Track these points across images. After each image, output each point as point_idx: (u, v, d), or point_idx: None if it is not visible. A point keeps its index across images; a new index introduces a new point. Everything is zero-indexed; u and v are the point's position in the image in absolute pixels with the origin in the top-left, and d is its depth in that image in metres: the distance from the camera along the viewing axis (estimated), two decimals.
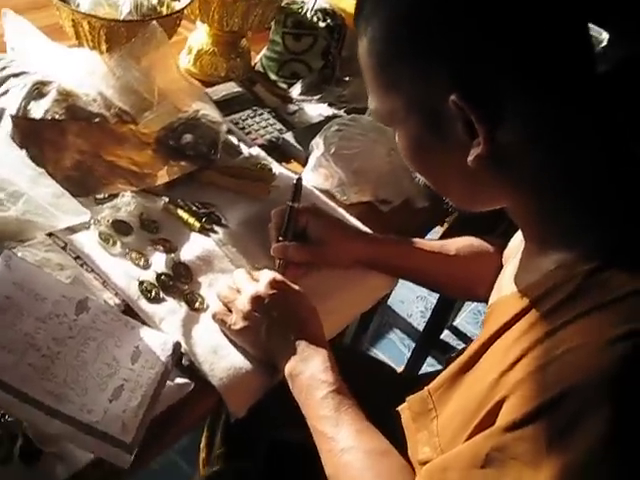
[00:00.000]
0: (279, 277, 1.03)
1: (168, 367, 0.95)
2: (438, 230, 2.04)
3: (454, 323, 2.67)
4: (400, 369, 2.33)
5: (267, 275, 1.03)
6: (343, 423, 0.89)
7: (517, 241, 0.97)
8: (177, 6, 1.40)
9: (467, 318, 2.71)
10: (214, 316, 1.03)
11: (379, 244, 1.20)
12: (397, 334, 2.62)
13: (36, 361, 0.86)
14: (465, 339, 2.62)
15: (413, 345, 2.48)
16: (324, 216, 1.20)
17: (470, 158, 0.72)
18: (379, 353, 2.52)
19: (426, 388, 0.87)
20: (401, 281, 1.25)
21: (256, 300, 1.00)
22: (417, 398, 0.88)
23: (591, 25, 2.01)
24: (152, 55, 1.29)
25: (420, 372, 2.25)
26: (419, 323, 2.63)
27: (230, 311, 1.02)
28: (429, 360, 2.35)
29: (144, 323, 1.01)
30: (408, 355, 2.39)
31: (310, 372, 0.94)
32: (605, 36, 2.15)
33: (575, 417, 0.63)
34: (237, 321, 1.00)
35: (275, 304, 1.00)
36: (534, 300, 0.74)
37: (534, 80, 0.69)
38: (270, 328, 0.99)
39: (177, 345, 0.98)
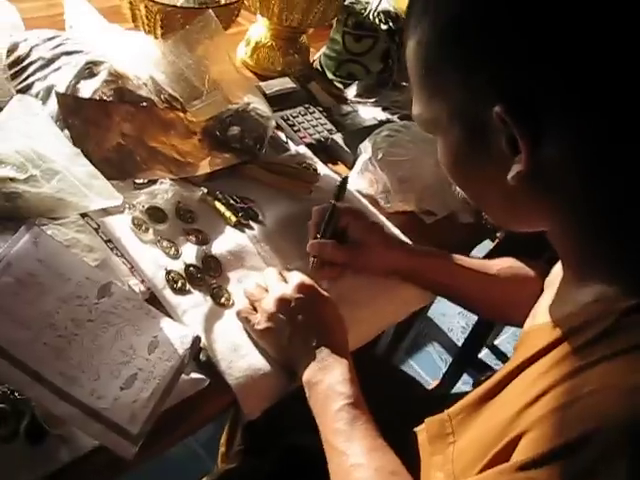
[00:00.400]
0: (308, 281, 1.01)
1: (185, 361, 0.93)
2: (487, 244, 2.02)
3: (495, 342, 2.62)
4: (434, 384, 2.29)
5: (297, 278, 1.01)
6: (355, 438, 0.86)
7: (558, 269, 0.93)
8: None
9: (508, 338, 2.66)
10: (238, 313, 1.01)
11: (419, 256, 1.17)
12: (435, 347, 2.58)
13: (52, 341, 0.85)
14: (504, 359, 2.56)
15: (450, 360, 2.44)
16: (366, 219, 1.17)
17: (511, 174, 0.68)
18: (415, 365, 2.49)
19: (446, 411, 0.84)
20: None
21: (282, 302, 0.98)
22: (436, 420, 0.85)
23: None
24: (206, 44, 1.28)
25: (453, 390, 2.20)
26: (459, 338, 2.59)
27: (255, 310, 1.00)
28: (465, 378, 2.30)
29: (167, 314, 0.99)
30: (444, 370, 2.35)
31: (328, 382, 0.92)
32: None
33: (592, 465, 0.59)
34: (261, 321, 0.98)
35: (301, 308, 0.97)
36: (566, 333, 0.71)
37: (582, 105, 0.65)
38: (293, 332, 0.96)
39: (197, 339, 0.96)
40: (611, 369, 0.63)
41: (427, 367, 2.48)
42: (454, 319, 2.68)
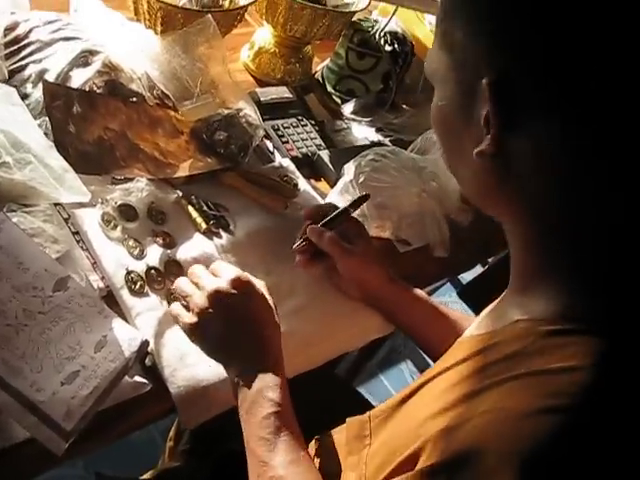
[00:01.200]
0: (244, 276, 0.97)
1: (129, 364, 0.94)
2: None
3: None
4: None
5: (231, 272, 0.97)
6: (278, 450, 0.85)
7: None
8: (242, 1, 1.39)
9: None
10: (170, 311, 0.99)
11: (392, 287, 1.17)
12: (408, 365, 2.59)
13: (0, 328, 0.86)
14: None
15: None
16: (368, 236, 1.20)
17: (476, 149, 0.69)
18: (384, 380, 2.50)
19: (368, 413, 0.85)
20: None
21: (215, 296, 0.94)
22: (356, 421, 0.86)
23: None
24: (202, 47, 1.28)
25: None
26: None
27: (187, 308, 0.97)
28: None
29: (121, 314, 1.00)
30: None
31: (258, 386, 0.89)
32: None
33: None
34: (191, 316, 0.95)
35: (235, 304, 0.94)
36: (482, 349, 0.71)
37: (573, 114, 0.65)
38: (226, 329, 0.94)
39: (144, 343, 0.97)
40: (509, 391, 0.63)
41: (396, 384, 2.49)
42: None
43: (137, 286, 1.04)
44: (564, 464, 0.59)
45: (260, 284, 0.99)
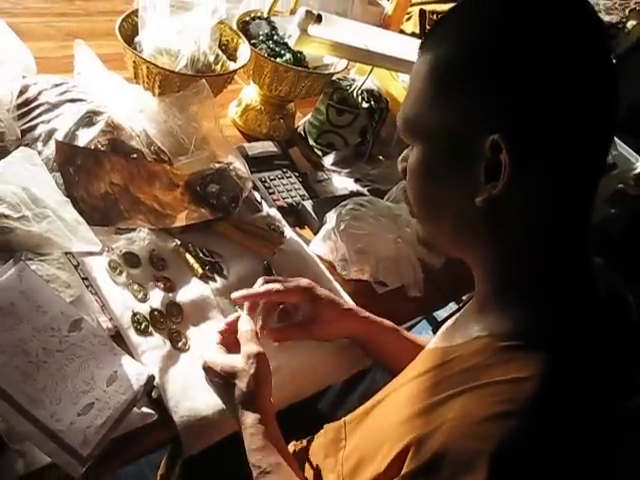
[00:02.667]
0: (258, 352, 1.06)
1: (137, 396, 1.05)
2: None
3: None
4: None
5: (249, 348, 1.06)
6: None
7: None
8: (231, 66, 1.52)
9: None
10: (204, 364, 1.09)
11: (372, 325, 1.23)
12: None
13: (23, 365, 0.96)
14: None
15: None
16: (315, 295, 1.20)
17: (480, 198, 0.75)
18: None
19: (344, 418, 0.93)
20: None
21: (231, 372, 1.05)
22: (334, 426, 0.94)
23: (627, 152, 2.09)
24: (197, 107, 1.41)
25: None
26: None
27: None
28: None
29: (128, 352, 1.11)
30: None
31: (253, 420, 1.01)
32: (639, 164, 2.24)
33: None
34: (214, 379, 1.07)
35: (247, 377, 1.04)
36: (445, 362, 0.80)
37: (564, 161, 0.74)
38: (237, 394, 1.04)
39: (151, 378, 1.08)
40: (472, 400, 0.72)
41: None
42: None
43: (142, 326, 1.15)
44: (525, 457, 0.68)
45: (253, 337, 1.09)
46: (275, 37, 1.67)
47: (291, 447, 1.09)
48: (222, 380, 1.06)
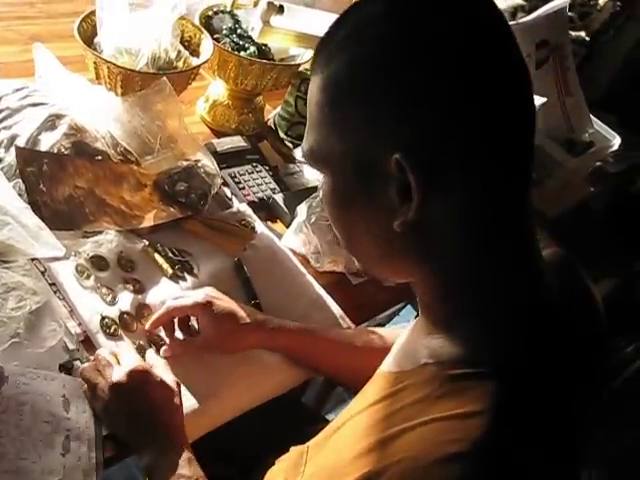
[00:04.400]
0: (142, 367, 1.05)
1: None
2: None
3: None
4: None
5: (129, 362, 1.05)
6: None
7: None
8: (194, 62, 1.51)
9: None
10: (81, 371, 1.06)
11: (276, 334, 1.20)
12: None
13: None
14: None
15: None
16: (214, 310, 1.16)
17: (397, 222, 0.70)
18: None
19: (308, 443, 0.89)
20: None
21: (114, 389, 1.02)
22: (297, 450, 0.90)
23: (604, 129, 2.10)
24: (160, 106, 1.39)
25: None
26: None
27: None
28: None
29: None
30: None
31: (169, 466, 0.98)
32: (617, 141, 2.24)
33: None
34: (99, 396, 1.04)
35: (132, 399, 1.02)
36: (395, 391, 0.75)
37: (478, 173, 0.69)
38: (128, 416, 1.03)
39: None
40: (419, 438, 0.67)
41: None
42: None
43: (112, 330, 1.13)
44: None
45: (160, 365, 1.08)
46: (239, 30, 1.65)
47: None
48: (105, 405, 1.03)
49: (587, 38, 2.68)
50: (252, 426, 1.22)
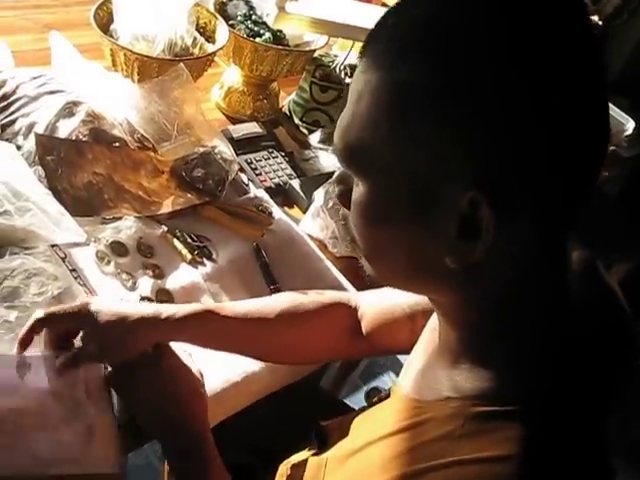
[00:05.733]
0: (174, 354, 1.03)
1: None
2: None
3: None
4: None
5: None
6: None
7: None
8: (210, 48, 1.51)
9: None
10: None
11: (171, 328, 1.02)
12: (390, 377, 2.69)
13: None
14: None
15: None
16: (95, 320, 0.97)
17: (451, 259, 0.62)
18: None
19: (326, 455, 0.85)
20: None
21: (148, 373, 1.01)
22: (316, 462, 0.87)
23: (618, 114, 2.08)
24: (177, 92, 1.40)
25: None
26: None
27: None
28: None
29: None
30: None
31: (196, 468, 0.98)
32: (630, 125, 2.23)
33: None
34: None
35: (165, 383, 1.00)
36: (417, 423, 0.70)
37: (548, 214, 0.62)
38: (156, 403, 1.00)
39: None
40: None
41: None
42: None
43: None
44: None
45: (183, 354, 1.04)
46: (253, 17, 1.65)
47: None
48: None
49: (600, 22, 2.67)
50: (272, 413, 1.23)
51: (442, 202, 0.60)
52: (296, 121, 1.77)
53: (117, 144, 1.35)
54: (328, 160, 1.67)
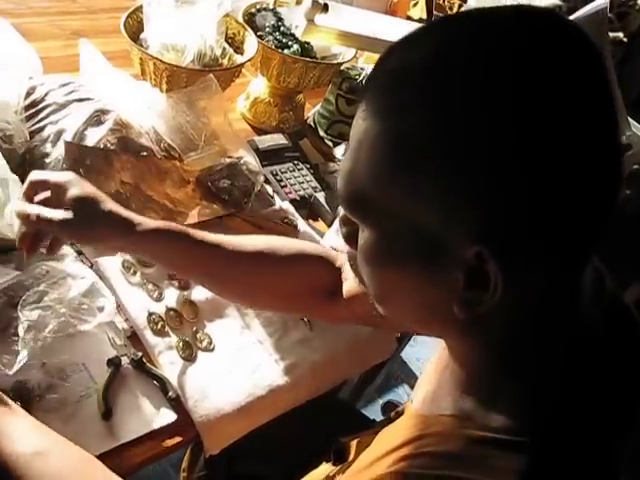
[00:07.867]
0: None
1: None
2: None
3: None
4: None
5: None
6: None
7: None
8: (239, 59, 1.51)
9: None
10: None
11: (141, 236, 0.98)
12: (406, 389, 2.68)
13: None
14: None
15: None
16: (75, 190, 0.96)
17: (458, 308, 0.61)
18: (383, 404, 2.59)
19: (336, 473, 0.86)
20: (420, 338, 1.25)
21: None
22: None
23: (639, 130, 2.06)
24: (205, 102, 1.40)
25: None
26: None
27: None
28: None
29: (144, 353, 1.10)
30: None
31: None
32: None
33: None
34: None
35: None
36: (419, 436, 0.68)
37: (558, 266, 0.61)
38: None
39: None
40: None
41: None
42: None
43: (159, 326, 1.14)
44: None
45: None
46: (282, 28, 1.65)
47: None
48: None
49: (625, 39, 2.65)
50: (289, 422, 1.21)
51: (448, 253, 0.59)
52: (321, 133, 1.77)
53: (144, 153, 1.35)
54: None
